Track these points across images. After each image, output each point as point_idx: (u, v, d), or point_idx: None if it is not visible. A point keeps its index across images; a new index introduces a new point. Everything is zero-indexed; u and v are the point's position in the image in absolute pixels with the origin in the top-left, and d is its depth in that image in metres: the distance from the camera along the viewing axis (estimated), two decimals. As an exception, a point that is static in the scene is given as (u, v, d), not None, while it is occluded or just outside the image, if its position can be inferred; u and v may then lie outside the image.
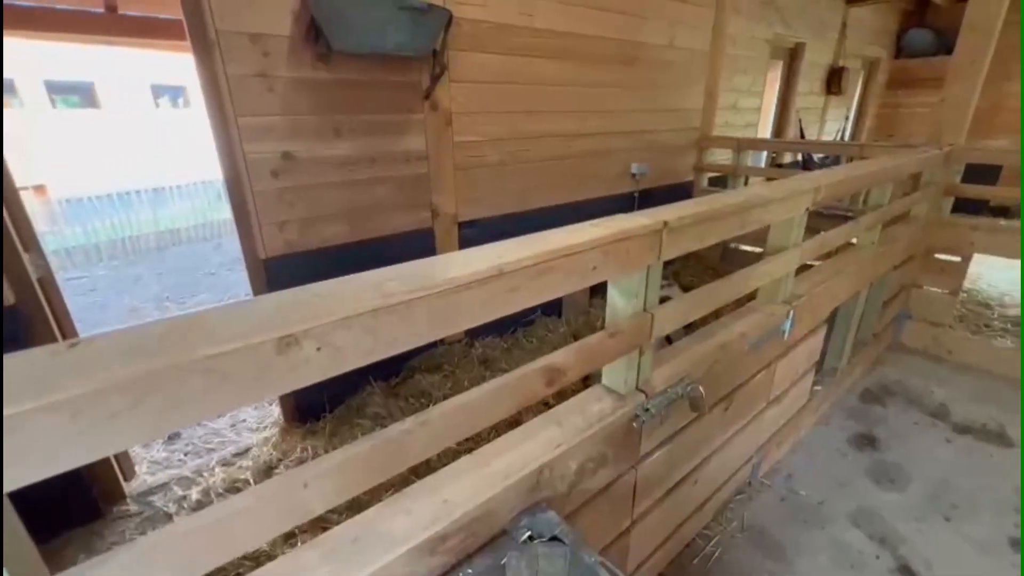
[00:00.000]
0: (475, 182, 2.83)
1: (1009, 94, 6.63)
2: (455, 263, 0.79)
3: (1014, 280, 4.17)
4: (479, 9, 2.54)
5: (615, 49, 3.27)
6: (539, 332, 3.28)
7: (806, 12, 5.17)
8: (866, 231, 2.34)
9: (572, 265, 0.90)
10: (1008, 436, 2.43)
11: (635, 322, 1.13)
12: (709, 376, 1.47)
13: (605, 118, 3.39)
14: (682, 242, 1.15)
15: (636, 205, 3.82)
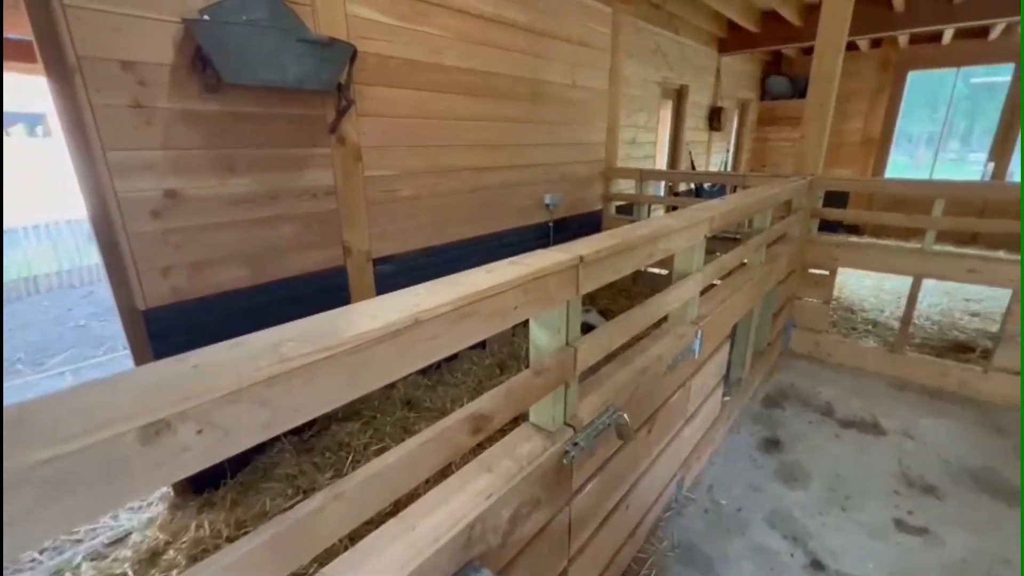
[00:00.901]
0: (389, 217, 2.75)
1: (847, 131, 7.91)
2: (365, 315, 0.73)
3: (868, 287, 4.85)
4: (387, 45, 2.52)
5: (522, 87, 3.40)
6: (464, 366, 3.20)
7: (687, 59, 5.80)
8: (754, 252, 2.60)
9: (493, 307, 0.87)
10: (881, 425, 2.77)
11: (559, 358, 1.12)
12: (632, 401, 1.50)
13: (516, 152, 3.49)
14: (598, 275, 1.17)
15: (551, 234, 3.94)
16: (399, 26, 2.55)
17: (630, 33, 4.35)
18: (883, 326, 3.96)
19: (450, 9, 2.78)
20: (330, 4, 2.20)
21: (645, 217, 4.44)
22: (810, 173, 3.35)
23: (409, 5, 2.58)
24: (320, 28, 2.17)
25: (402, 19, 2.56)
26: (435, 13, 2.71)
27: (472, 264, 1.00)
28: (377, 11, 2.43)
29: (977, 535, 2.00)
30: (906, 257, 3.16)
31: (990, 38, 6.62)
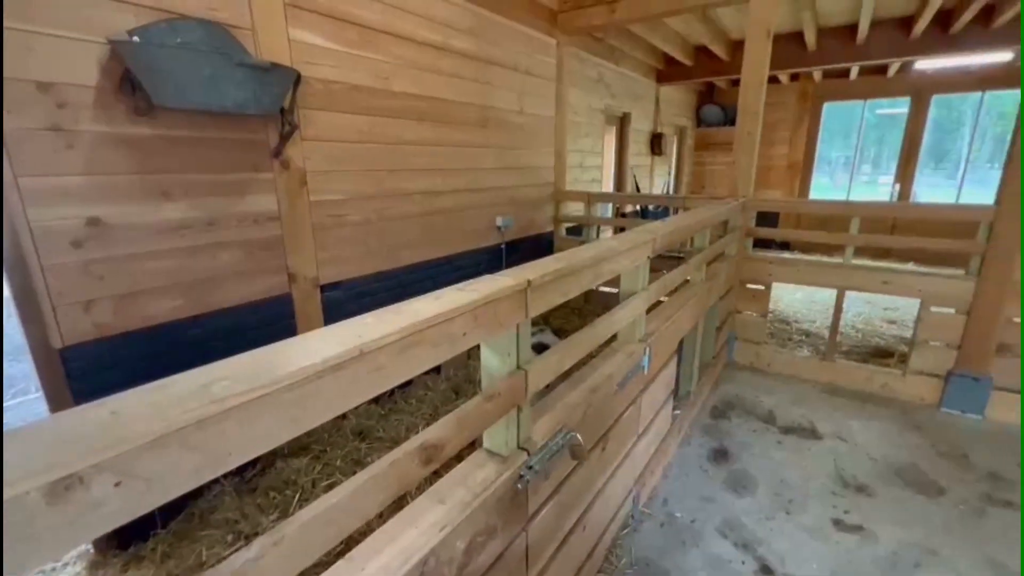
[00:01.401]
0: (337, 242, 2.69)
1: (774, 156, 8.57)
2: (306, 348, 0.70)
3: (801, 300, 5.20)
4: (333, 70, 2.51)
5: (472, 112, 3.46)
6: (418, 392, 3.13)
7: (628, 88, 6.13)
8: (696, 270, 2.74)
9: (441, 335, 0.87)
10: (817, 430, 2.94)
11: (511, 382, 1.13)
12: (585, 421, 1.52)
13: (467, 175, 3.53)
14: (546, 298, 1.19)
15: (504, 256, 3.98)
16: (346, 52, 2.55)
17: (573, 63, 4.56)
18: (815, 336, 4.25)
19: (397, 37, 2.81)
20: (272, 29, 2.17)
21: (594, 238, 4.58)
22: (742, 195, 3.59)
23: (356, 32, 2.59)
24: (262, 53, 2.13)
25: (349, 45, 2.56)
26: (382, 40, 2.73)
27: (426, 288, 1.00)
28: (322, 37, 2.42)
29: (905, 528, 2.15)
30: (830, 271, 3.42)
31: (888, 75, 7.43)
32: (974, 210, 3.05)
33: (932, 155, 9.48)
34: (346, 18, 2.51)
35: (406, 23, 2.85)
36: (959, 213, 3.40)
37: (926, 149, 7.85)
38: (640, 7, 3.76)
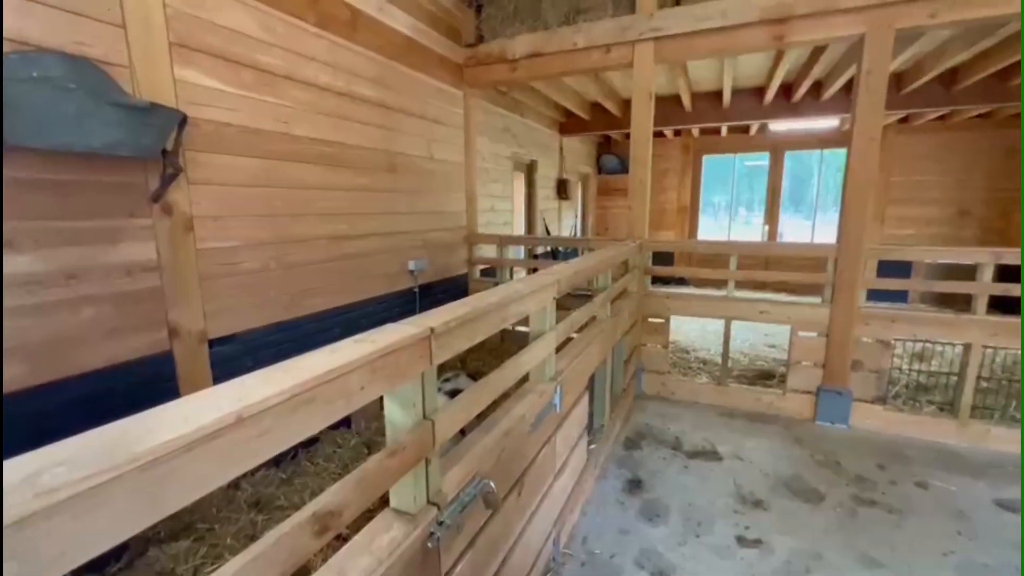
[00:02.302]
0: (230, 292, 2.48)
1: (666, 200, 9.51)
2: (172, 417, 0.63)
3: (697, 330, 5.69)
4: (228, 113, 2.39)
5: (380, 158, 3.46)
6: (326, 450, 2.90)
7: (534, 138, 6.53)
8: (601, 307, 2.90)
9: (336, 391, 0.83)
10: (718, 452, 3.16)
11: (417, 433, 1.09)
12: (499, 466, 1.51)
13: (377, 219, 3.48)
14: (452, 344, 1.19)
15: (418, 299, 3.92)
16: (241, 95, 2.45)
17: (480, 114, 4.78)
18: (711, 363, 4.64)
19: (299, 82, 2.77)
20: (154, 68, 2.03)
21: (508, 279, 4.69)
22: (639, 237, 3.92)
23: (253, 75, 2.51)
24: (141, 92, 1.98)
25: (244, 88, 2.46)
26: (282, 84, 2.67)
27: (334, 336, 0.96)
28: (214, 79, 2.31)
29: (795, 537, 2.35)
30: (717, 304, 3.80)
31: (751, 133, 8.70)
32: (823, 248, 3.60)
33: (791, 199, 11.02)
34: (241, 61, 2.43)
35: (308, 69, 2.82)
36: (812, 251, 3.99)
37: (786, 195, 9.20)
38: (537, 68, 4.08)
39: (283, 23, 2.64)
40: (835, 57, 4.92)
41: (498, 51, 4.18)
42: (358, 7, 3.15)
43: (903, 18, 3.05)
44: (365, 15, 3.22)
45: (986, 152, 7.48)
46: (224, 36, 2.33)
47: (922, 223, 7.96)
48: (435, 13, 3.95)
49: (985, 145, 7.46)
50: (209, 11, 2.27)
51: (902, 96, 5.68)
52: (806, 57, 5.04)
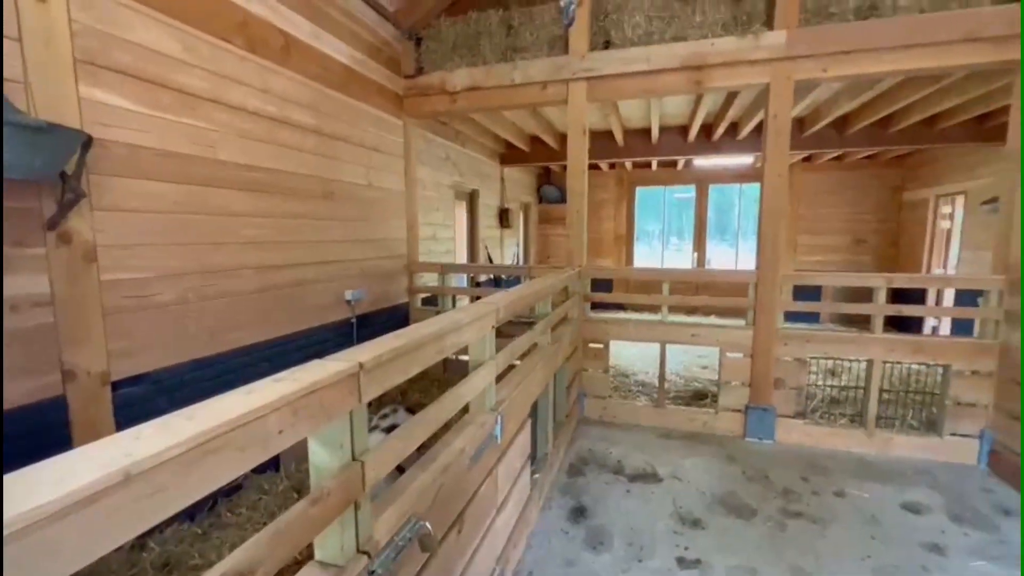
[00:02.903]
0: (141, 326, 2.26)
1: (604, 229, 9.91)
2: (44, 479, 0.55)
3: (635, 354, 5.86)
4: (142, 135, 2.23)
5: (315, 185, 3.36)
6: (250, 497, 2.67)
7: (475, 168, 6.63)
8: (541, 334, 2.92)
9: (249, 437, 0.76)
10: (658, 474, 3.23)
11: (344, 476, 1.02)
12: (436, 505, 1.44)
13: (311, 248, 3.35)
14: (384, 379, 1.14)
15: (355, 330, 3.78)
16: (158, 117, 2.30)
17: (421, 143, 4.79)
18: (649, 386, 4.79)
19: (226, 106, 2.65)
20: (55, 85, 1.87)
21: (450, 307, 4.64)
22: (578, 264, 4.03)
23: (173, 97, 2.37)
24: (38, 111, 1.80)
25: (161, 110, 2.32)
26: (206, 108, 2.54)
27: (261, 372, 0.89)
28: (127, 99, 2.16)
29: (731, 554, 2.42)
30: (652, 328, 3.96)
31: (678, 168, 9.35)
32: (744, 274, 3.87)
33: (717, 228, 11.85)
34: (159, 81, 2.30)
35: (236, 93, 2.71)
36: (735, 276, 4.29)
37: (712, 224, 9.90)
38: (476, 100, 4.18)
39: (208, 45, 2.53)
40: (747, 102, 5.44)
41: (438, 83, 4.24)
42: (292, 34, 3.10)
43: (800, 71, 3.44)
44: (300, 42, 3.17)
45: (875, 188, 8.50)
46: (139, 55, 2.20)
47: (827, 251, 8.83)
48: (374, 44, 3.96)
49: (874, 183, 8.48)
50: (122, 28, 2.13)
51: (804, 138, 6.36)
52: (722, 101, 5.52)
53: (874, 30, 3.27)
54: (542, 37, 4.02)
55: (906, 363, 3.56)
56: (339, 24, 3.53)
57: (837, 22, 3.37)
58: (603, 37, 3.89)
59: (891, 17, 3.26)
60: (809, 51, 3.37)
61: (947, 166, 7.01)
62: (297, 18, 3.13)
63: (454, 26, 4.24)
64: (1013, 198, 3.16)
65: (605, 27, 3.88)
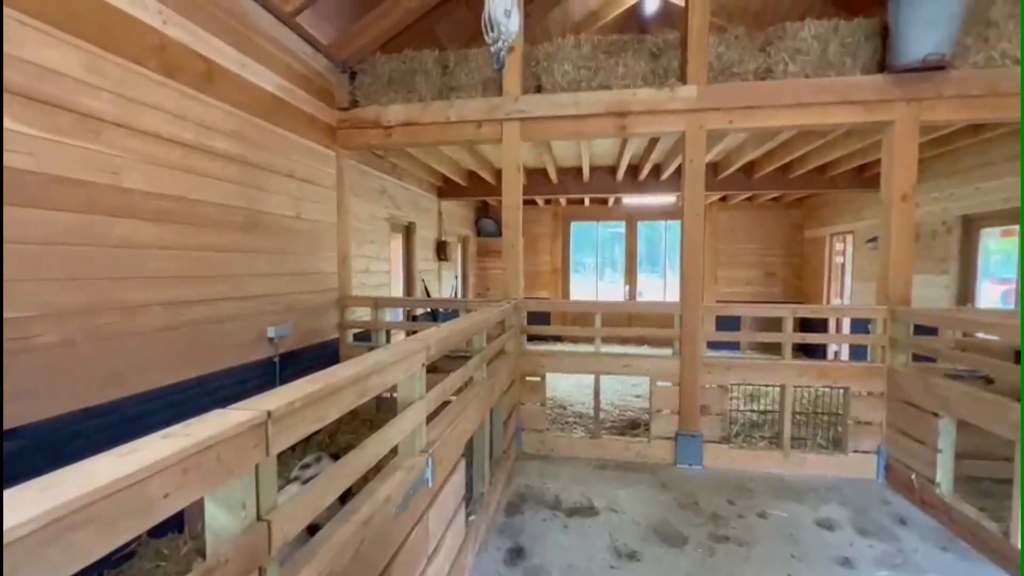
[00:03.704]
0: (17, 373, 1.97)
1: (541, 262, 10.16)
2: None
3: (572, 385, 5.94)
4: (28, 159, 2.01)
5: (236, 216, 3.17)
6: (144, 566, 2.35)
7: (412, 200, 6.60)
8: (477, 369, 2.89)
9: (120, 507, 0.67)
10: (595, 506, 3.23)
11: (247, 540, 0.92)
12: (358, 560, 1.34)
13: (230, 282, 3.13)
14: (296, 427, 1.07)
15: (278, 369, 3.54)
16: (52, 140, 2.09)
17: (355, 174, 4.71)
18: (586, 417, 4.85)
19: (135, 131, 2.47)
20: (-79, 101, 1.66)
21: (384, 343, 4.48)
22: (514, 297, 4.07)
23: (71, 119, 2.17)
24: None
25: (57, 133, 2.11)
26: (112, 132, 2.35)
27: (165, 419, 0.81)
28: (14, 120, 1.95)
29: (666, 585, 2.45)
30: (586, 359, 4.05)
31: (609, 205, 9.85)
32: (670, 305, 4.09)
33: (648, 261, 12.50)
34: (53, 102, 2.10)
35: (148, 118, 2.54)
36: (662, 308, 4.52)
37: (642, 257, 10.45)
38: (412, 135, 4.21)
39: (116, 67, 2.37)
40: (667, 147, 5.90)
41: (372, 116, 4.23)
42: (216, 61, 2.98)
43: (711, 121, 3.79)
44: (224, 69, 3.05)
45: (780, 227, 9.42)
46: (31, 73, 2.01)
47: (743, 283, 9.59)
48: (306, 75, 3.90)
49: (779, 222, 9.41)
50: (14, 44, 1.95)
51: (718, 180, 6.96)
52: (646, 145, 5.95)
53: (770, 90, 3.70)
54: (477, 78, 4.15)
55: (814, 386, 3.88)
56: (268, 54, 3.45)
57: (740, 81, 3.78)
58: (535, 81, 4.10)
59: (783, 80, 3.71)
60: (717, 105, 3.74)
61: (838, 208, 7.94)
62: (221, 45, 3.02)
63: (390, 62, 4.28)
64: (889, 238, 3.62)
65: (536, 72, 4.09)
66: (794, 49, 3.68)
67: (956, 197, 5.22)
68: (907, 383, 3.38)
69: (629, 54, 3.94)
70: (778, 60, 3.72)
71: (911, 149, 3.56)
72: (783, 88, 3.68)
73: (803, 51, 3.67)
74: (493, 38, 2.30)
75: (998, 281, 6.07)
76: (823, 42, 3.65)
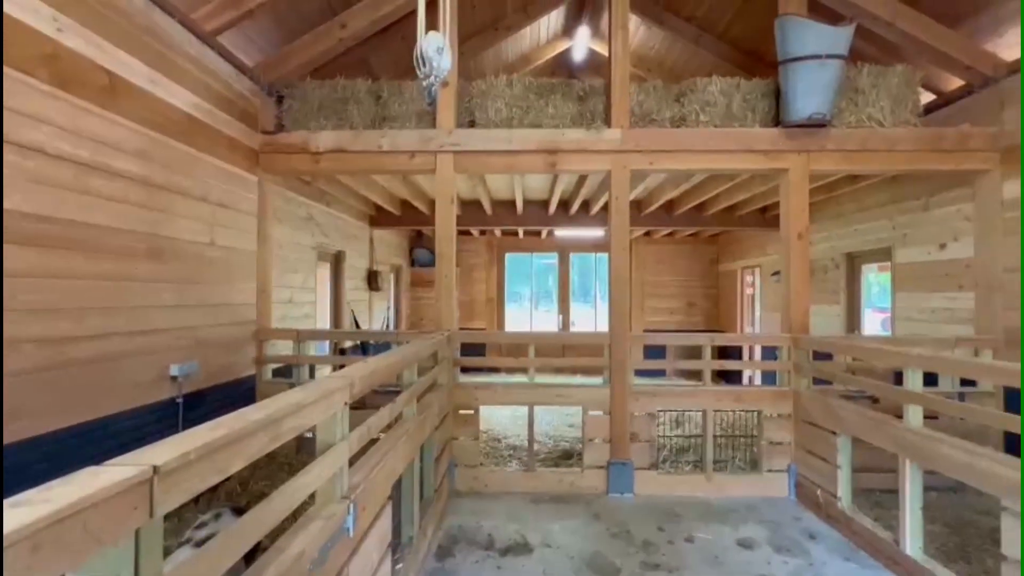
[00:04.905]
0: None
1: (476, 292, 10.15)
2: None
3: (508, 416, 5.87)
4: None
5: (136, 241, 2.88)
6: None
7: (341, 229, 6.38)
8: (407, 405, 2.77)
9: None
10: (529, 543, 3.16)
11: (118, 622, 0.79)
12: (263, 631, 1.19)
13: (127, 315, 2.81)
14: (192, 482, 0.94)
15: (181, 412, 3.18)
16: (-99, 151, 1.80)
17: (278, 200, 4.49)
18: (521, 449, 4.80)
19: (14, 145, 2.19)
20: None
21: (307, 378, 4.20)
22: (447, 329, 4.00)
23: (-71, 129, 1.89)
24: None
25: (-90, 143, 1.82)
26: (-16, 146, 2.07)
27: (34, 475, 0.66)
28: None
29: (599, 621, 2.41)
30: (520, 390, 4.04)
31: (543, 237, 10.14)
32: (600, 335, 4.21)
33: (581, 291, 12.89)
34: (-90, 110, 1.82)
35: (33, 132, 2.27)
36: (593, 338, 4.65)
37: (577, 287, 10.78)
38: (342, 163, 4.11)
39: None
40: (595, 184, 6.21)
41: (300, 142, 4.09)
42: (120, 75, 2.75)
43: (634, 162, 4.06)
44: (130, 84, 2.82)
45: (699, 260, 10.17)
46: None
47: (668, 312, 10.15)
48: (227, 96, 3.71)
49: (698, 256, 10.16)
50: None
51: (642, 217, 7.42)
52: (576, 181, 6.23)
53: (684, 136, 4.04)
54: (411, 109, 4.17)
55: (732, 410, 4.13)
56: (184, 71, 3.25)
57: (658, 127, 4.11)
58: (468, 116, 4.19)
59: (696, 128, 4.08)
60: (639, 147, 4.02)
61: (747, 244, 8.73)
62: (129, 59, 2.81)
63: (320, 88, 4.20)
64: (788, 272, 4.01)
65: (470, 108, 4.19)
66: (704, 102, 4.08)
67: (841, 236, 5.94)
68: (810, 405, 3.69)
69: (558, 96, 4.15)
70: (691, 110, 4.09)
71: (804, 193, 4.01)
72: (695, 136, 4.03)
73: (711, 104, 4.07)
74: (425, 73, 2.32)
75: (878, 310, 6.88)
76: (728, 97, 4.08)
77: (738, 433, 4.39)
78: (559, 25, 6.92)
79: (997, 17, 3.86)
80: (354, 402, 1.83)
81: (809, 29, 3.61)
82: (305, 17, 4.32)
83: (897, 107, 4.00)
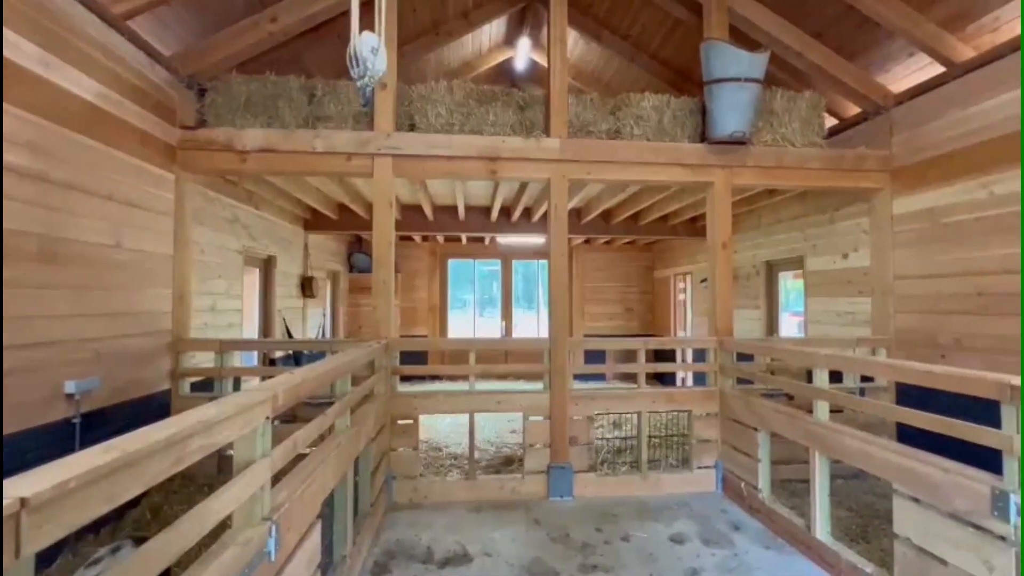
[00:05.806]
0: None
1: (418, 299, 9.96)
2: None
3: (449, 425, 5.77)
4: None
5: (25, 243, 2.56)
6: None
7: (272, 232, 6.04)
8: (339, 417, 2.64)
9: None
10: (469, 553, 3.11)
11: None
12: (164, 674, 1.08)
13: (12, 327, 2.48)
14: (71, 514, 0.84)
15: (78, 433, 2.85)
16: None
17: (199, 201, 4.17)
18: (462, 457, 4.73)
19: None
20: None
21: (230, 391, 3.91)
22: (384, 337, 3.88)
23: None
24: None
25: None
26: None
27: None
28: None
29: (538, 627, 2.41)
30: (460, 398, 3.99)
31: (486, 243, 10.15)
32: (540, 341, 4.26)
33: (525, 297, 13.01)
34: None
35: None
36: (533, 344, 4.69)
37: (519, 294, 10.85)
38: (272, 163, 3.90)
39: None
40: (536, 192, 6.31)
41: (224, 139, 3.83)
42: (8, 56, 2.45)
43: (572, 172, 4.16)
44: (18, 67, 2.51)
45: (635, 267, 10.60)
46: None
47: (608, 318, 10.48)
48: (138, 85, 3.40)
49: (634, 263, 10.58)
50: None
51: (582, 225, 7.62)
52: (517, 188, 6.29)
53: (619, 148, 4.20)
54: (347, 110, 4.04)
55: (665, 411, 4.31)
56: (86, 56, 2.95)
57: (595, 139, 4.24)
58: (408, 120, 4.12)
59: (630, 140, 4.25)
60: (577, 157, 4.13)
61: (678, 252, 9.21)
62: (17, 39, 2.50)
63: (248, 83, 3.96)
64: (715, 278, 4.27)
65: (410, 112, 4.12)
66: (637, 116, 4.27)
67: (760, 246, 6.42)
68: (734, 403, 3.93)
69: (499, 104, 4.18)
70: (625, 123, 4.27)
71: (727, 205, 4.30)
72: (629, 148, 4.21)
73: (644, 118, 4.27)
74: (359, 73, 2.25)
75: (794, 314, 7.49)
76: (659, 112, 4.30)
77: (671, 433, 4.59)
78: (501, 34, 7.00)
79: (887, 54, 4.36)
80: (283, 416, 1.72)
81: (730, 54, 3.89)
82: (231, 8, 4.07)
83: (806, 129, 4.40)
